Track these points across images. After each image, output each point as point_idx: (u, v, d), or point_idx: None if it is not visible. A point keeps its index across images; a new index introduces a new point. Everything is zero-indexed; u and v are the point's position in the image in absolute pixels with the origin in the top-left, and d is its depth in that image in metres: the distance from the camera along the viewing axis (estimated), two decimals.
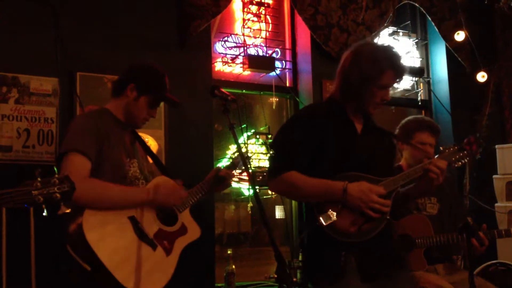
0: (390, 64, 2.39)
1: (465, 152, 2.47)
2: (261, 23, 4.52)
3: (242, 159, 2.35)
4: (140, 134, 2.80)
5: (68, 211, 2.33)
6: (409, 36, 5.28)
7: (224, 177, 2.84)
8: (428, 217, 3.20)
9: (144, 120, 2.66)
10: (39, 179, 1.62)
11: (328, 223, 2.29)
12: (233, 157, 3.02)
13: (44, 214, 1.65)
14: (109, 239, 2.31)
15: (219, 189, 2.91)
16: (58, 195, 1.63)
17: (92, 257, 2.23)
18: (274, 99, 4.59)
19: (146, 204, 2.44)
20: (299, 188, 2.37)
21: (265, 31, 4.53)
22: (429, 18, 5.06)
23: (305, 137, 2.38)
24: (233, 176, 2.92)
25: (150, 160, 2.80)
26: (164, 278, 2.44)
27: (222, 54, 4.33)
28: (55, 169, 1.74)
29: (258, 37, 4.51)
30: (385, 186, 2.38)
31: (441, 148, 2.65)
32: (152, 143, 3.69)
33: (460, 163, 2.60)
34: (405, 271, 2.59)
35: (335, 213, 2.31)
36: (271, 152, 2.55)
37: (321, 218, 2.30)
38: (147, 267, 2.38)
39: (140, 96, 2.59)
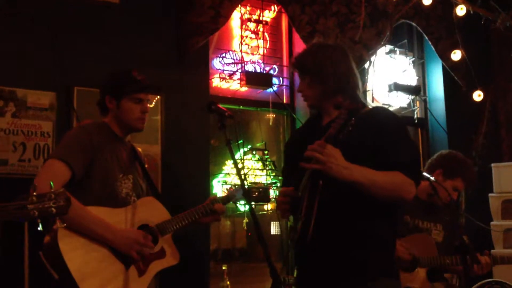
0: None
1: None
2: (259, 40, 4.55)
3: (238, 174, 2.33)
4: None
5: (63, 226, 2.32)
6: (406, 55, 5.31)
7: (217, 211, 2.81)
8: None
9: (139, 120, 2.64)
10: (34, 193, 1.62)
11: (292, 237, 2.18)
12: (229, 190, 3.01)
13: (39, 228, 1.64)
14: (81, 250, 2.29)
15: (207, 220, 2.85)
16: (53, 209, 1.63)
17: (62, 266, 2.21)
18: (271, 116, 4.60)
19: (105, 241, 2.37)
20: None
21: (263, 48, 4.56)
22: (426, 37, 5.10)
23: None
24: (224, 211, 2.89)
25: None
26: None
27: (219, 70, 4.34)
28: (51, 183, 1.73)
29: (256, 54, 4.54)
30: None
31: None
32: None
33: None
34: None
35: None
36: None
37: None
38: (116, 285, 2.33)
39: (120, 101, 2.61)
